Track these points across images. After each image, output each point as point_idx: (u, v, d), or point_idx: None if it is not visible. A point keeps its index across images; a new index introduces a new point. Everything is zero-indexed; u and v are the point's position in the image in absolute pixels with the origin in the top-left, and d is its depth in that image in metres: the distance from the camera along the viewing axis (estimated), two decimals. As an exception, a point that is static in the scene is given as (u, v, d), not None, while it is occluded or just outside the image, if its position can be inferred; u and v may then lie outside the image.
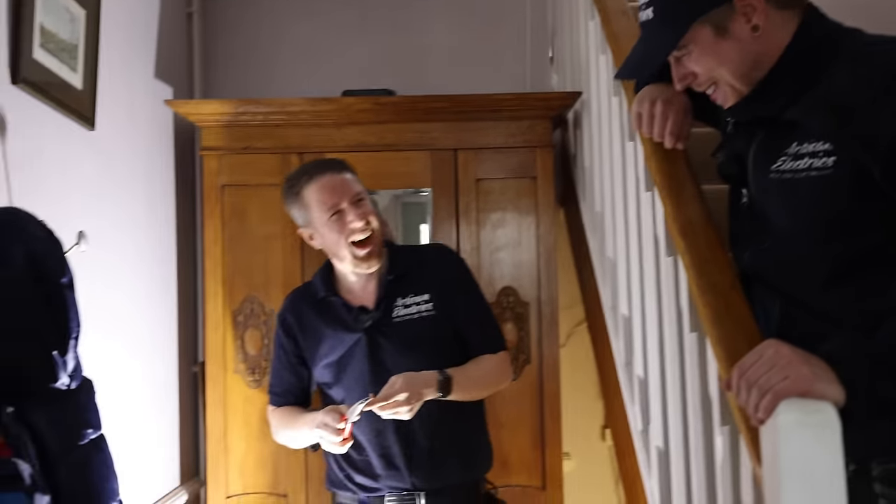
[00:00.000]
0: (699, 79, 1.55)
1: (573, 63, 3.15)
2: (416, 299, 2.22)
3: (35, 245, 1.52)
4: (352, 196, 2.19)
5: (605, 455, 3.67)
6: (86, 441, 1.57)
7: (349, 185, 2.20)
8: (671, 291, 1.88)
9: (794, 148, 1.43)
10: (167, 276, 3.14)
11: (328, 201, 2.17)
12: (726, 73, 1.51)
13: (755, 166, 1.52)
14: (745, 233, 1.59)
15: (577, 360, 3.52)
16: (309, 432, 2.16)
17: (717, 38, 1.49)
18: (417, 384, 2.05)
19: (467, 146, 3.02)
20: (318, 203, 2.19)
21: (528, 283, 2.99)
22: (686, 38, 1.50)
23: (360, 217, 2.16)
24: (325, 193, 2.18)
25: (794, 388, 1.19)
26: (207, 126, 3.03)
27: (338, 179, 2.20)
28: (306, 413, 2.26)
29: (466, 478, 2.24)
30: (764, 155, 1.50)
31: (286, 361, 2.33)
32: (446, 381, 2.11)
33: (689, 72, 1.55)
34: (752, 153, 1.53)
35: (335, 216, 2.17)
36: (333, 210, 2.17)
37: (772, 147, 1.48)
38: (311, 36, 3.67)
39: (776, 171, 1.46)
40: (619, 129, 2.39)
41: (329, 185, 2.19)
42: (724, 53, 1.49)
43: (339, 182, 2.20)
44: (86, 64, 2.38)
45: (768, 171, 1.48)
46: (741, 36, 1.48)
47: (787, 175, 1.44)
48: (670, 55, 1.55)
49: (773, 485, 1.19)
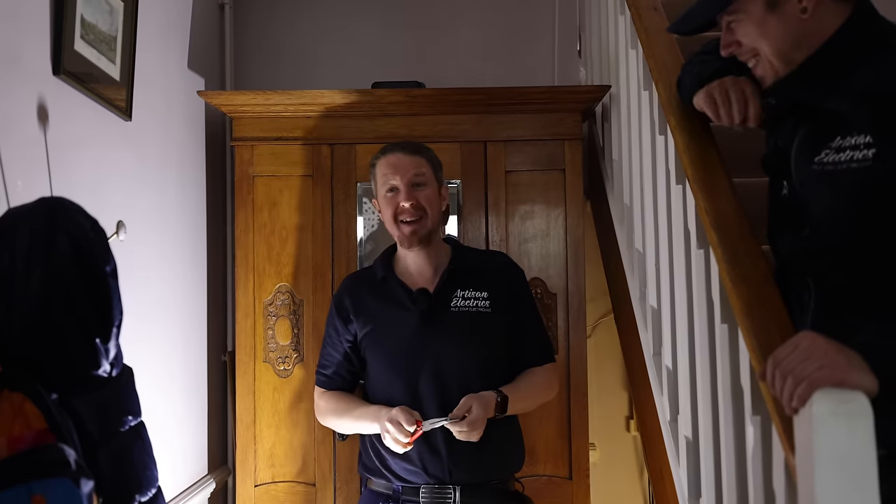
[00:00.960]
0: (742, 48, 1.59)
1: (602, 57, 3.16)
2: (475, 294, 2.29)
3: (80, 234, 1.55)
4: (410, 177, 2.27)
5: (630, 445, 3.70)
6: (126, 428, 1.60)
7: (412, 166, 2.28)
8: (702, 283, 1.90)
9: (837, 142, 1.45)
10: (198, 266, 3.18)
11: (387, 176, 2.29)
12: (767, 47, 1.53)
13: (798, 158, 1.54)
14: (785, 224, 1.61)
15: (602, 351, 3.55)
16: (370, 424, 2.23)
17: (766, 12, 1.53)
18: (484, 409, 2.13)
19: (497, 138, 3.03)
20: (381, 177, 2.31)
21: (555, 275, 3.01)
22: (738, 5, 1.55)
23: (409, 198, 2.25)
24: (388, 169, 2.29)
25: (829, 377, 1.21)
26: (239, 117, 3.06)
27: (404, 159, 2.29)
28: (366, 404, 2.30)
29: (500, 475, 2.28)
30: (807, 147, 1.52)
31: (339, 345, 2.37)
32: (504, 401, 2.19)
33: (735, 40, 1.59)
34: (796, 146, 1.55)
35: (390, 192, 2.28)
36: (389, 186, 2.28)
37: (815, 140, 1.51)
38: (341, 28, 3.70)
39: (818, 164, 1.48)
40: (649, 123, 2.40)
41: (393, 162, 2.29)
42: (769, 27, 1.53)
43: (403, 161, 2.29)
44: (123, 55, 2.41)
45: (811, 163, 1.50)
46: (789, 14, 1.51)
47: (829, 167, 1.46)
48: (721, 17, 1.59)
49: (807, 473, 1.21)
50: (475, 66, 3.63)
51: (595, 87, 3.07)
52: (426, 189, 2.28)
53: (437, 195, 2.30)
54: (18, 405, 1.43)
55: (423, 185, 2.28)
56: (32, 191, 1.86)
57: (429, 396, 2.21)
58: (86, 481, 1.40)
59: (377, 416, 2.19)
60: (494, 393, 2.19)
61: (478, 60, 3.65)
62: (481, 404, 2.13)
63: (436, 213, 2.29)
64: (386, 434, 2.14)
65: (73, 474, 1.37)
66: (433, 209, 2.28)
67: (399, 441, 2.11)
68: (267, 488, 3.00)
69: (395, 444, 2.13)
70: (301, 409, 2.98)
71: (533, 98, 3.00)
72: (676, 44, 2.26)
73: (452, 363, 2.22)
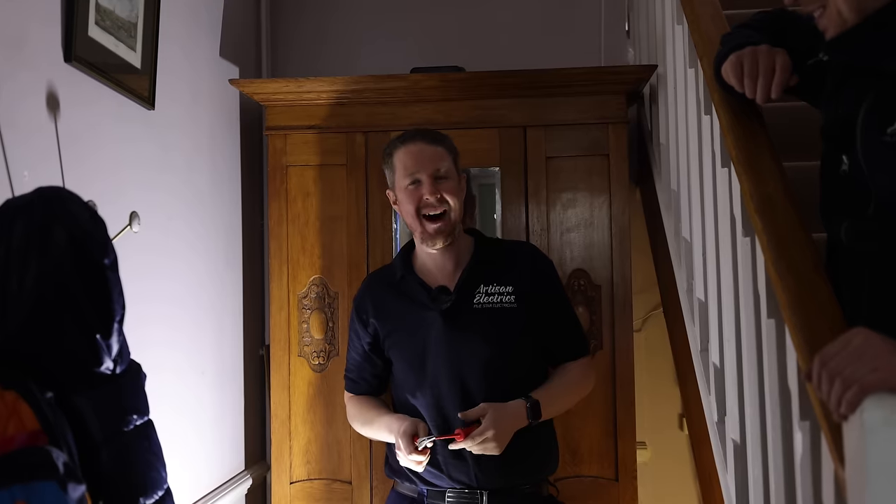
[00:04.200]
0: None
1: (649, 35, 3.01)
2: (499, 289, 2.17)
3: (77, 225, 1.48)
4: (434, 169, 2.15)
5: (683, 445, 3.53)
6: (131, 427, 1.54)
7: (436, 157, 2.16)
8: (748, 274, 1.75)
9: None
10: (233, 258, 3.12)
11: (409, 168, 2.16)
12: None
13: (865, 129, 1.37)
14: (843, 203, 1.45)
15: (654, 345, 3.39)
16: (387, 435, 2.17)
17: None
18: (507, 421, 2.04)
19: (537, 123, 2.90)
20: (401, 167, 2.18)
21: (600, 266, 2.87)
22: None
23: (434, 192, 2.12)
24: (410, 159, 2.17)
25: (883, 381, 1.07)
26: (272, 105, 2.99)
27: (427, 150, 2.17)
28: (384, 412, 2.24)
29: (531, 479, 2.17)
30: (877, 117, 1.35)
31: (359, 348, 2.30)
32: (534, 407, 2.08)
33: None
34: (862, 115, 1.38)
35: (412, 185, 2.16)
36: (412, 178, 2.15)
37: (887, 108, 1.33)
38: (381, 12, 3.60)
39: (892, 135, 1.31)
40: (695, 102, 2.26)
41: (415, 152, 2.17)
42: None
43: (427, 152, 2.16)
44: (145, 43, 2.34)
45: (882, 135, 1.33)
46: None
47: None
48: None
49: (857, 488, 1.07)
50: (520, 47, 3.49)
51: (640, 66, 2.92)
52: (449, 181, 2.16)
53: (458, 186, 2.19)
54: (12, 404, 1.37)
55: (446, 178, 2.16)
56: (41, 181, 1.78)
57: (451, 398, 2.11)
58: (75, 486, 1.33)
59: (389, 429, 2.14)
60: (523, 400, 2.08)
61: (523, 42, 3.51)
62: (496, 416, 2.02)
63: (459, 207, 2.17)
64: (398, 453, 2.09)
65: (60, 478, 1.31)
66: (457, 202, 2.16)
67: (410, 462, 2.06)
68: (303, 485, 2.93)
69: (410, 464, 2.08)
70: (336, 404, 2.89)
71: (575, 80, 2.86)
72: (723, 16, 2.11)
73: (475, 363, 2.11)
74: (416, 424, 2.08)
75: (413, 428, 2.06)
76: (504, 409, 2.05)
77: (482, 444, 2.00)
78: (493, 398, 2.08)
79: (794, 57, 1.65)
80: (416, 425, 2.08)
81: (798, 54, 1.65)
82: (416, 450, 2.03)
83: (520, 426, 2.05)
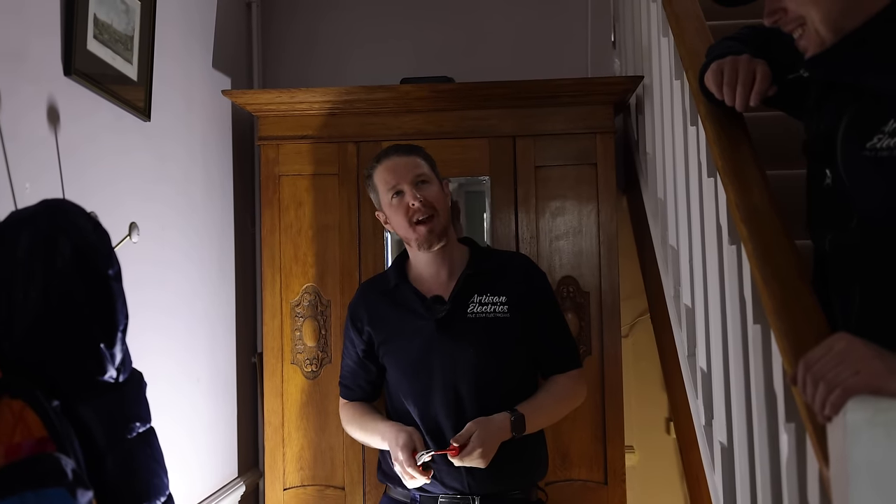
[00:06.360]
0: (788, 16, 1.47)
1: (635, 47, 3.06)
2: (492, 299, 2.21)
3: (81, 237, 1.51)
4: (413, 177, 2.20)
5: (670, 449, 3.58)
6: (133, 435, 1.56)
7: (412, 166, 2.22)
8: (734, 281, 1.80)
9: (892, 125, 1.33)
10: (226, 267, 3.14)
11: (390, 182, 2.21)
12: (815, 13, 1.41)
13: (845, 144, 1.42)
14: (827, 215, 1.49)
15: (642, 350, 3.44)
16: (380, 442, 2.20)
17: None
18: (493, 433, 2.07)
19: (526, 133, 2.95)
20: (382, 184, 2.23)
21: (588, 273, 2.92)
22: None
23: (417, 196, 2.17)
24: (388, 174, 2.22)
25: (864, 384, 1.11)
26: (264, 115, 3.02)
27: (402, 161, 2.22)
28: (378, 420, 2.27)
29: (521, 484, 2.21)
30: (856, 132, 1.39)
31: (354, 355, 2.33)
32: (519, 421, 2.11)
33: (781, 6, 1.47)
34: (843, 130, 1.43)
35: (396, 197, 2.20)
36: (394, 190, 2.20)
37: (865, 124, 1.38)
38: (371, 23, 3.64)
39: (871, 150, 1.36)
40: (681, 113, 2.31)
41: (392, 166, 2.22)
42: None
43: (402, 163, 2.22)
44: (141, 55, 2.37)
45: (861, 149, 1.37)
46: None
47: (884, 153, 1.33)
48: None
49: (841, 487, 1.11)
50: (508, 58, 3.54)
51: (627, 77, 2.98)
52: (431, 186, 2.22)
53: (441, 191, 2.24)
54: (19, 413, 1.40)
55: (427, 182, 2.22)
56: (42, 193, 1.80)
57: (443, 406, 2.15)
58: (83, 492, 1.36)
59: (383, 437, 2.17)
60: (508, 414, 2.11)
61: (511, 53, 3.55)
62: (487, 432, 2.06)
63: (445, 209, 2.22)
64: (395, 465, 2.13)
65: (69, 484, 1.33)
66: (441, 205, 2.21)
67: (405, 476, 2.10)
68: (296, 492, 2.96)
69: (406, 480, 2.11)
70: (329, 411, 2.92)
71: (563, 90, 2.91)
72: (708, 30, 2.16)
73: (468, 372, 2.15)
74: (413, 436, 2.11)
75: (411, 442, 2.10)
76: (489, 423, 2.08)
77: (469, 459, 2.04)
78: (484, 406, 2.12)
79: (776, 68, 1.71)
80: (412, 438, 2.11)
81: (781, 66, 1.70)
82: (415, 464, 2.06)
83: (505, 439, 2.09)
